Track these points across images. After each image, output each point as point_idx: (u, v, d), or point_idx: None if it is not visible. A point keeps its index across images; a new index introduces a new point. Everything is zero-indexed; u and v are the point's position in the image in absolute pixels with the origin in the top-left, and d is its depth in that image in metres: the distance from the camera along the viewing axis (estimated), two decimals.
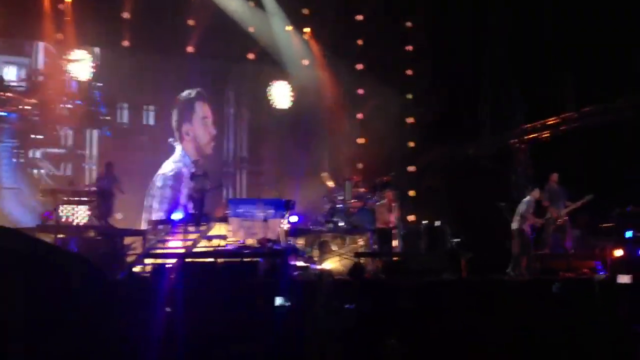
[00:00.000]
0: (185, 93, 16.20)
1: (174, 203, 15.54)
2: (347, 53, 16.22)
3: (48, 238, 11.46)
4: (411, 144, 16.25)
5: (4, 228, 6.99)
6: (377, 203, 13.05)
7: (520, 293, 9.49)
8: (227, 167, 16.78)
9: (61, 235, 11.55)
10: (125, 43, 15.16)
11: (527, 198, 11.65)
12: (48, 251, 6.77)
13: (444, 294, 9.16)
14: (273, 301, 7.90)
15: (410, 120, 16.21)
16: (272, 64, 16.60)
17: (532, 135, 14.40)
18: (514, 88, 14.64)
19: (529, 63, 14.15)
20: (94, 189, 13.30)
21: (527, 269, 11.35)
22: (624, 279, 8.99)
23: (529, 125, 14.41)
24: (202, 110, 16.19)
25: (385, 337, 6.81)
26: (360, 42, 16.40)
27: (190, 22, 15.43)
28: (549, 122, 13.91)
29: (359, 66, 16.37)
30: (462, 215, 13.48)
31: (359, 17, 16.37)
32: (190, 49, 15.86)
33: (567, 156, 13.00)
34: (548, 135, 14.05)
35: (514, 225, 11.59)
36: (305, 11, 16.31)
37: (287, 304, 7.92)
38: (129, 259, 12.19)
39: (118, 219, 13.44)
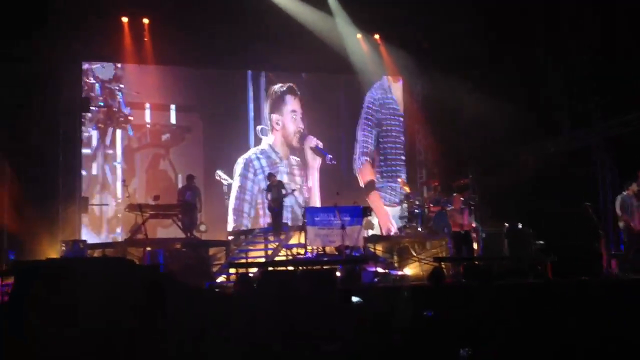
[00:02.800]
0: (277, 86, 16.81)
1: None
2: (419, 57, 16.05)
3: (136, 251, 12.00)
4: (488, 145, 15.88)
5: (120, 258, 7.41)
6: (448, 208, 12.89)
7: (611, 295, 9.13)
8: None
9: (149, 248, 12.02)
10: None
11: (623, 194, 11.23)
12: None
13: (529, 298, 8.94)
14: (351, 306, 7.95)
15: (486, 120, 15.85)
16: (343, 72, 16.68)
17: (614, 131, 13.81)
18: (592, 82, 14.10)
19: (607, 57, 13.61)
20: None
21: (621, 269, 10.99)
22: None
23: (611, 120, 13.83)
24: (292, 103, 16.76)
25: (459, 346, 6.68)
26: (426, 45, 16.15)
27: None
28: (631, 118, 13.30)
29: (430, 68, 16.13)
30: (545, 216, 13.10)
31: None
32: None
33: None
34: (631, 131, 13.43)
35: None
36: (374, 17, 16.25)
37: (361, 301, 8.00)
38: (214, 269, 12.58)
39: (202, 230, 13.85)
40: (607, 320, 8.04)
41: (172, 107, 16.16)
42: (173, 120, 16.19)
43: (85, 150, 15.40)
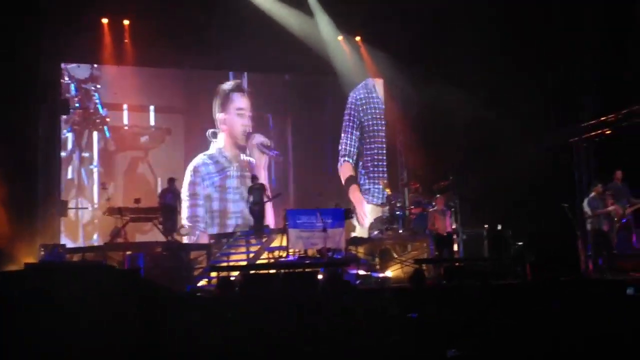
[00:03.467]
0: (225, 84, 16.26)
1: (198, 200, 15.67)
2: (400, 57, 16.07)
3: (116, 255, 11.92)
4: (469, 147, 15.99)
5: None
6: (430, 209, 12.98)
7: (589, 295, 9.25)
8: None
9: (129, 252, 11.95)
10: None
11: (590, 196, 11.41)
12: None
13: (509, 298, 9.04)
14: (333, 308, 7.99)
15: (468, 122, 15.94)
16: (327, 74, 16.65)
17: (593, 133, 14.00)
18: (573, 84, 14.30)
19: (589, 60, 13.82)
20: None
21: (597, 270, 11.15)
22: None
23: (589, 122, 14.02)
24: (239, 101, 16.14)
25: (446, 346, 6.75)
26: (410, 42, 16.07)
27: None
28: (610, 119, 13.50)
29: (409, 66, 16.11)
30: (524, 217, 13.24)
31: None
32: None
33: (630, 152, 12.59)
34: (610, 131, 13.63)
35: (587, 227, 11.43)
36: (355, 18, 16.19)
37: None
38: (195, 272, 12.53)
39: (183, 234, 13.78)
40: (585, 319, 8.15)
41: (151, 108, 15.87)
42: (152, 121, 15.89)
43: (60, 153, 15.02)
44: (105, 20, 14.89)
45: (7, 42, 12.83)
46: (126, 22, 14.97)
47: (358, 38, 16.79)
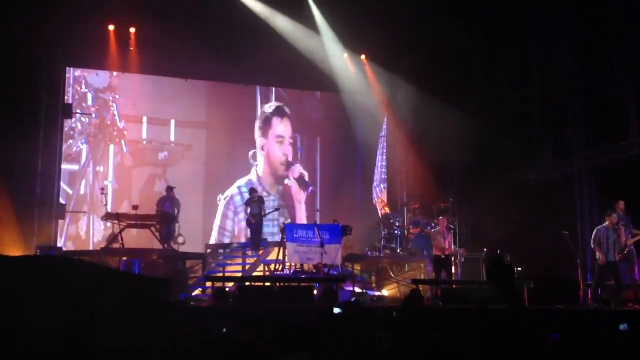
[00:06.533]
0: (267, 105, 15.79)
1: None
2: (404, 77, 16.06)
3: (112, 261, 11.83)
4: (470, 170, 15.95)
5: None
6: (432, 230, 12.90)
7: (583, 324, 9.14)
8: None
9: (125, 258, 11.87)
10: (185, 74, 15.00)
11: (599, 226, 11.28)
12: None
13: (502, 323, 8.92)
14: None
15: (469, 144, 15.91)
16: (329, 91, 16.56)
17: (595, 162, 13.98)
18: (574, 111, 14.31)
19: (590, 85, 13.83)
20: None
21: (596, 300, 11.04)
22: None
23: (592, 151, 14.01)
24: (278, 127, 15.60)
25: None
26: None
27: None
28: (613, 148, 13.48)
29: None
30: (524, 243, 13.17)
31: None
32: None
33: (632, 183, 12.55)
34: (613, 161, 13.60)
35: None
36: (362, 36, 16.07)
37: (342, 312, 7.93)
38: (190, 281, 12.45)
39: (180, 242, 13.69)
40: (575, 350, 8.03)
41: (172, 122, 15.14)
42: (172, 136, 15.12)
43: (72, 166, 14.50)
44: (111, 27, 14.56)
45: (9, 42, 12.58)
46: (132, 29, 14.65)
47: (363, 56, 16.76)
